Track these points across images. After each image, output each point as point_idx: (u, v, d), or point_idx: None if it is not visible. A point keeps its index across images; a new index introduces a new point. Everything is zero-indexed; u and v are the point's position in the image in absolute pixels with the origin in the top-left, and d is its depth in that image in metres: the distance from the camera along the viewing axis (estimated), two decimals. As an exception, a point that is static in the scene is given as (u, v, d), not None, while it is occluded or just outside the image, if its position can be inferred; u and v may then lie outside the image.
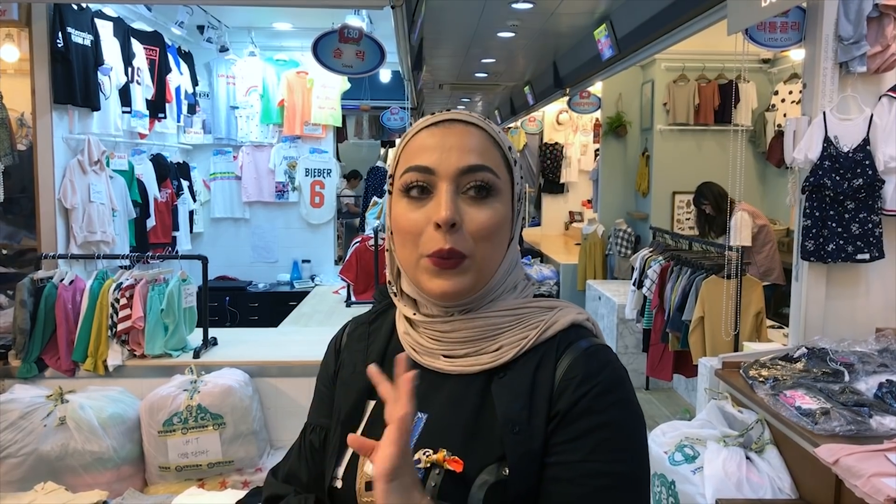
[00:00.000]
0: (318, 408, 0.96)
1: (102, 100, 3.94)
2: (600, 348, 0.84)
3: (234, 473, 3.03)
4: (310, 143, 5.96)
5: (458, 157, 0.82)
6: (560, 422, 0.78)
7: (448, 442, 0.81)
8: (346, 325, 1.01)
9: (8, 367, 3.22)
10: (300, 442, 0.97)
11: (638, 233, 6.68)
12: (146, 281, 3.24)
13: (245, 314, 5.68)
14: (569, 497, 0.76)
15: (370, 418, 0.88)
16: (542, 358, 0.83)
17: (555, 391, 0.80)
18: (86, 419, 2.86)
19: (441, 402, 0.84)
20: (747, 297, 3.56)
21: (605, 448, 0.77)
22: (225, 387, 3.01)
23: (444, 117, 0.86)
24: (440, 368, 0.85)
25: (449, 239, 0.80)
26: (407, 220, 0.83)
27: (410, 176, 0.83)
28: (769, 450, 2.63)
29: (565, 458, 0.77)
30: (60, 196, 3.65)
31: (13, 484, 2.78)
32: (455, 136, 0.84)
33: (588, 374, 0.80)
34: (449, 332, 0.85)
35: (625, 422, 0.79)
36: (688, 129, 6.32)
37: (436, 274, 0.82)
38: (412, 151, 0.85)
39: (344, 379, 0.93)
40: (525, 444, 0.78)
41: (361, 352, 0.93)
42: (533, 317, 0.86)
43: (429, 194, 0.83)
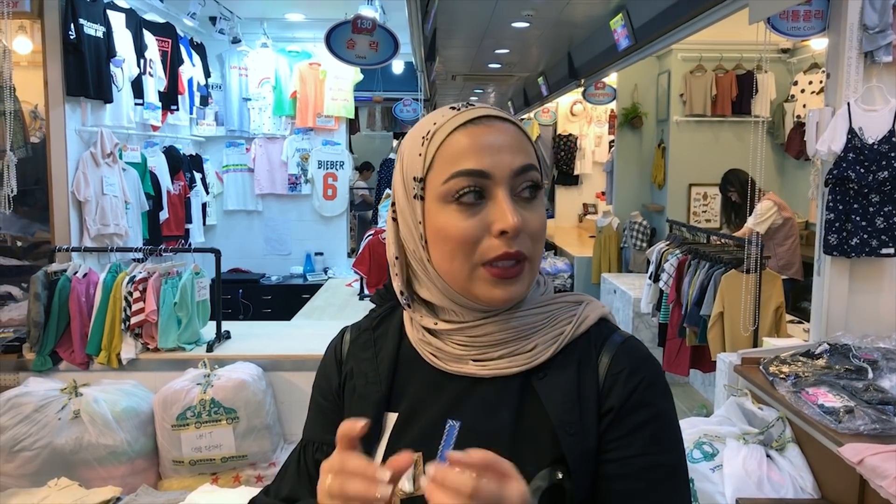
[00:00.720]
0: (322, 424, 0.90)
1: (115, 92, 3.92)
2: (635, 341, 0.84)
3: (247, 468, 3.02)
4: (322, 135, 5.93)
5: (510, 158, 0.78)
6: (614, 418, 0.78)
7: (491, 449, 0.75)
8: (343, 333, 0.95)
9: (22, 359, 3.22)
10: (300, 461, 0.90)
11: (653, 225, 6.61)
12: (159, 274, 3.23)
13: (258, 307, 5.68)
14: (629, 493, 0.76)
15: (393, 431, 0.83)
16: (581, 354, 0.81)
17: (602, 388, 0.79)
18: (100, 413, 2.86)
19: (474, 408, 0.80)
20: (767, 292, 3.50)
21: (656, 440, 0.77)
22: (238, 381, 2.99)
23: (480, 113, 0.80)
24: (471, 373, 0.81)
25: (514, 244, 0.77)
26: (459, 230, 0.77)
27: (461, 182, 0.77)
28: (790, 448, 2.58)
29: (621, 455, 0.77)
30: (73, 189, 3.64)
31: (27, 477, 2.78)
32: (499, 134, 0.79)
33: (633, 367, 0.79)
34: (481, 335, 0.81)
35: (669, 411, 0.80)
36: (705, 120, 6.23)
37: (496, 283, 0.78)
38: (454, 154, 0.78)
39: (358, 391, 0.87)
40: (581, 444, 0.76)
41: (370, 360, 0.88)
42: (562, 313, 0.83)
43: (482, 199, 0.77)
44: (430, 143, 0.80)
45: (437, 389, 0.83)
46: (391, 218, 0.85)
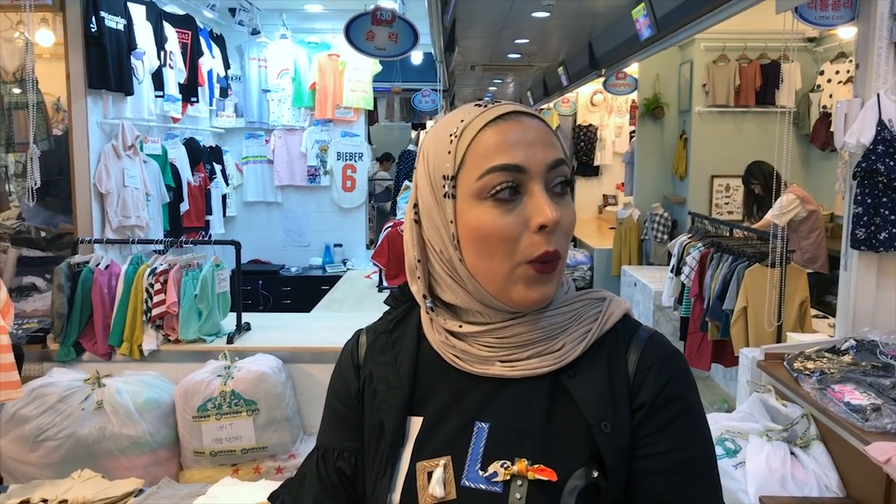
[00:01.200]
0: (341, 430, 0.88)
1: (136, 84, 3.94)
2: (661, 336, 0.84)
3: (267, 459, 3.03)
4: (341, 126, 5.93)
5: (543, 153, 0.77)
6: (646, 414, 0.77)
7: (524, 450, 0.76)
8: (357, 336, 0.93)
9: (47, 350, 3.26)
10: (319, 469, 0.88)
11: (675, 217, 6.54)
12: (180, 266, 3.25)
13: (278, 298, 5.71)
14: (663, 488, 0.75)
15: (419, 435, 0.81)
16: (609, 351, 0.80)
17: (633, 384, 0.78)
18: (122, 404, 2.88)
19: (502, 409, 0.79)
20: (792, 286, 3.45)
21: (687, 434, 0.77)
22: (258, 373, 3.00)
23: (507, 109, 0.79)
24: (498, 374, 0.80)
25: (552, 241, 0.75)
26: (498, 226, 0.75)
27: (497, 177, 0.75)
28: (815, 445, 2.54)
29: (654, 450, 0.76)
30: (95, 181, 3.67)
31: (52, 467, 2.82)
32: (529, 130, 0.78)
33: (663, 362, 0.79)
34: (510, 336, 0.80)
35: (698, 404, 0.80)
36: (728, 110, 6.14)
37: (534, 281, 0.76)
38: (486, 150, 0.76)
39: (380, 397, 0.84)
40: (617, 442, 0.75)
41: (390, 364, 0.85)
42: (587, 310, 0.82)
43: (517, 195, 0.76)
44: (460, 140, 0.78)
45: (462, 392, 0.81)
46: (412, 220, 0.83)
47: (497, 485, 0.74)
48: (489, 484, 0.75)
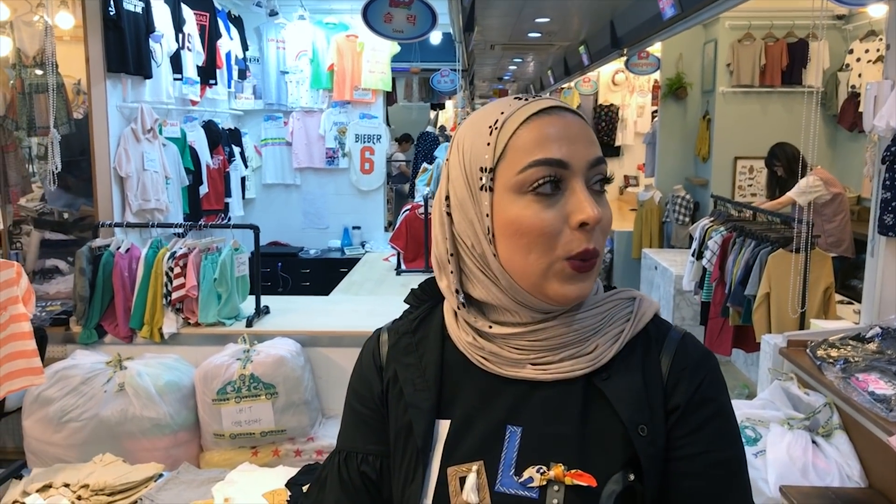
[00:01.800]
0: (364, 433, 0.86)
1: (154, 67, 3.94)
2: (691, 336, 0.83)
3: (286, 442, 3.06)
4: (360, 108, 5.90)
5: (585, 149, 0.76)
6: (681, 415, 0.77)
7: (559, 454, 0.74)
8: (378, 336, 0.90)
9: (70, 332, 3.30)
10: (341, 473, 0.86)
11: (697, 199, 6.45)
12: (199, 250, 3.26)
13: (297, 280, 5.74)
14: (697, 490, 0.75)
15: (448, 439, 0.79)
16: (642, 353, 0.79)
17: (667, 385, 0.78)
18: (143, 386, 2.92)
19: (535, 413, 0.77)
20: (816, 272, 3.38)
21: (720, 435, 0.77)
22: (277, 357, 3.02)
23: (547, 104, 0.77)
24: (529, 377, 0.78)
25: (592, 238, 0.74)
26: (539, 220, 0.73)
27: (539, 171, 0.73)
28: (838, 435, 2.50)
29: (689, 452, 0.76)
30: (115, 165, 3.69)
31: (76, 447, 2.86)
32: (571, 126, 0.76)
33: (696, 363, 0.79)
34: (543, 339, 0.78)
35: (729, 405, 0.80)
36: (752, 90, 6.02)
37: (571, 278, 0.75)
38: (528, 143, 0.74)
39: (407, 399, 0.82)
40: (654, 445, 0.75)
41: (415, 366, 0.83)
42: (619, 311, 0.81)
43: (559, 190, 0.74)
44: (501, 132, 0.76)
45: (491, 395, 0.79)
46: (444, 212, 0.80)
47: (533, 490, 0.73)
48: (525, 490, 0.73)
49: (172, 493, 1.95)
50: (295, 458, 3.01)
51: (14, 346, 2.03)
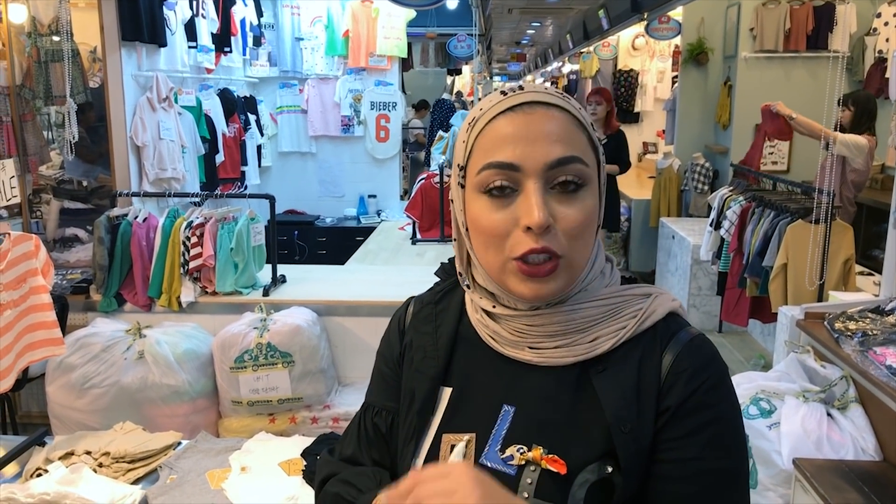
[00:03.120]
0: (383, 390, 0.91)
1: (169, 35, 3.92)
2: (703, 339, 0.80)
3: (303, 410, 3.11)
4: (375, 75, 5.84)
5: (545, 150, 0.73)
6: (671, 418, 0.75)
7: (542, 438, 0.76)
8: (408, 303, 0.95)
9: (90, 300, 3.35)
10: (360, 424, 0.92)
11: (716, 168, 6.36)
12: (216, 219, 3.28)
13: (313, 248, 5.76)
14: (682, 496, 0.74)
15: (448, 407, 0.83)
16: (644, 350, 0.77)
17: (662, 386, 0.76)
18: (162, 354, 2.97)
19: (529, 395, 0.79)
20: (836, 244, 3.34)
21: (715, 444, 0.74)
22: (293, 326, 3.05)
23: (522, 99, 0.76)
24: (527, 360, 0.80)
25: (541, 240, 0.73)
26: (489, 222, 0.75)
27: (490, 175, 0.74)
28: (853, 408, 2.49)
29: (677, 456, 0.74)
30: (132, 134, 3.70)
31: (98, 413, 2.93)
32: (538, 122, 0.74)
33: (697, 367, 0.76)
34: (537, 325, 0.79)
35: (732, 416, 0.77)
36: (776, 56, 5.87)
37: (525, 278, 0.75)
38: (488, 143, 0.75)
39: (416, 365, 0.87)
40: (636, 443, 0.74)
41: (430, 335, 0.88)
42: (629, 306, 0.80)
43: (513, 192, 0.74)
44: (472, 130, 0.78)
45: (493, 371, 0.82)
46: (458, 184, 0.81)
47: (512, 468, 0.76)
48: (505, 466, 0.76)
49: (191, 461, 1.99)
50: (312, 426, 3.06)
51: (34, 318, 2.06)
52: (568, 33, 12.12)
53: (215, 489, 1.86)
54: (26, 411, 3.47)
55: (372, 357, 0.97)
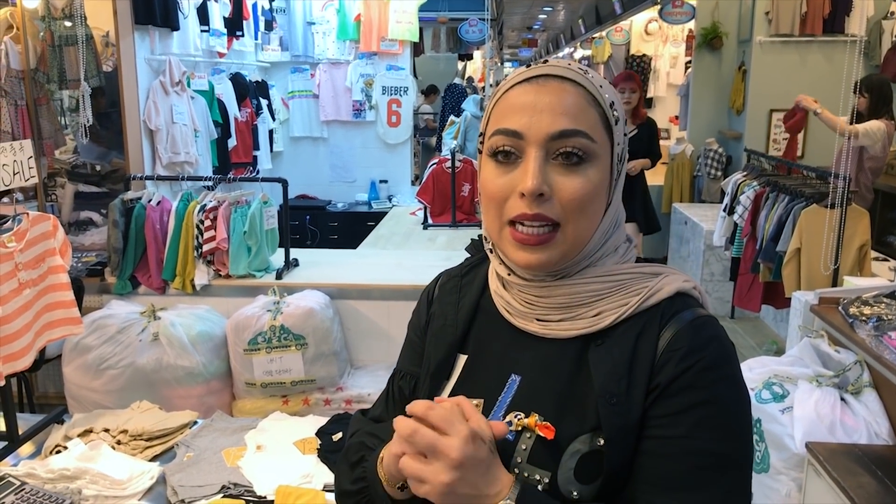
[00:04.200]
0: (410, 355, 0.95)
1: (181, 19, 3.92)
2: (707, 320, 0.79)
3: (315, 391, 3.13)
4: (386, 59, 5.83)
5: (549, 121, 0.75)
6: (660, 395, 0.75)
7: (541, 407, 0.78)
8: (439, 276, 0.99)
9: (105, 283, 3.38)
10: (389, 388, 0.96)
11: (730, 153, 6.32)
12: (229, 203, 3.29)
13: (325, 233, 5.78)
14: (665, 473, 0.73)
15: (462, 374, 0.87)
16: (644, 327, 0.78)
17: (656, 363, 0.76)
18: (177, 336, 2.99)
19: (534, 366, 0.82)
20: (852, 229, 3.31)
21: (706, 426, 0.73)
22: (306, 309, 3.07)
23: (539, 72, 0.78)
24: (534, 331, 0.82)
25: (535, 206, 0.75)
26: (493, 185, 0.78)
27: (498, 140, 0.78)
28: (867, 392, 2.48)
29: (663, 433, 0.74)
30: (145, 118, 3.71)
31: (114, 393, 2.96)
32: (548, 94, 0.76)
33: (693, 347, 0.75)
34: (544, 297, 0.82)
35: (729, 400, 0.75)
36: (791, 40, 5.81)
37: (519, 246, 0.78)
38: (503, 111, 0.79)
39: (434, 331, 0.91)
40: (622, 417, 0.74)
41: (452, 305, 0.91)
42: (635, 283, 0.80)
43: (517, 159, 0.77)
44: (492, 100, 0.81)
45: (506, 342, 0.85)
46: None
47: (511, 433, 0.78)
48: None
49: (207, 440, 2.01)
50: (324, 407, 3.09)
51: (53, 297, 2.08)
52: (580, 18, 12.03)
53: (231, 467, 1.88)
54: (43, 392, 3.51)
55: (384, 340, 1.01)
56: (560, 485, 0.75)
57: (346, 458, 0.88)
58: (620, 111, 0.80)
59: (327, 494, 1.74)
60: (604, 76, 10.98)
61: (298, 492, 1.70)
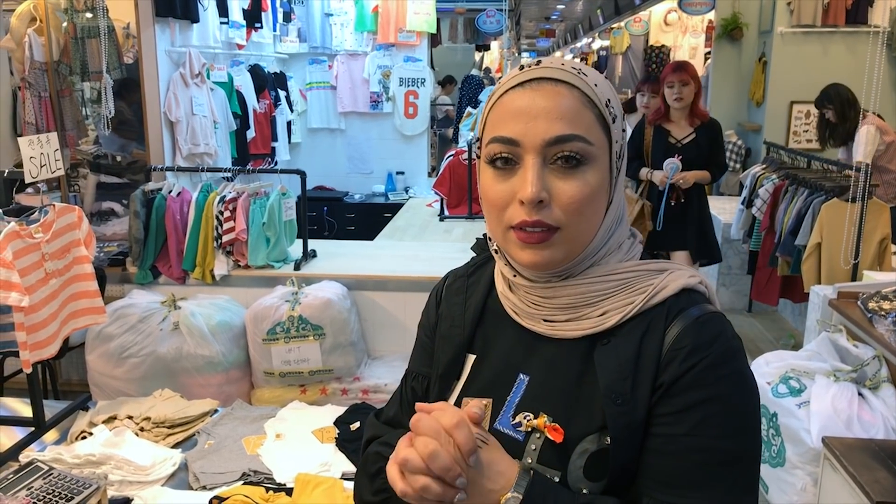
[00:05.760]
0: (420, 356, 0.96)
1: (201, 11, 3.95)
2: (713, 317, 0.78)
3: (333, 381, 3.16)
4: (404, 51, 5.83)
5: (545, 127, 0.76)
6: (665, 393, 0.75)
7: (549, 407, 0.80)
8: (446, 277, 0.99)
9: (126, 272, 3.44)
10: (402, 388, 0.97)
11: (749, 145, 6.26)
12: (248, 194, 3.33)
13: (342, 224, 5.81)
14: (670, 471, 0.74)
15: (470, 373, 0.88)
16: (649, 325, 0.78)
17: (661, 361, 0.76)
18: (197, 325, 3.04)
19: (542, 366, 0.83)
20: (872, 223, 3.28)
21: (711, 423, 0.73)
22: (324, 299, 3.10)
23: (532, 75, 0.78)
24: (541, 332, 0.83)
25: (535, 213, 0.76)
26: (493, 192, 0.79)
27: (495, 147, 0.78)
28: (885, 388, 2.47)
29: (669, 431, 0.74)
30: (165, 109, 3.75)
31: (136, 381, 3.02)
32: (543, 99, 0.77)
33: (698, 344, 0.75)
34: (550, 297, 0.82)
35: (735, 397, 0.75)
36: (813, 31, 5.73)
37: (523, 246, 0.78)
38: (498, 117, 0.79)
39: (442, 332, 0.92)
40: (628, 416, 0.75)
41: (459, 305, 0.92)
42: (640, 281, 0.80)
43: (515, 165, 0.78)
44: (488, 104, 0.82)
45: (513, 342, 0.86)
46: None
47: (520, 434, 0.79)
48: (514, 431, 0.80)
49: (227, 428, 2.05)
50: (342, 397, 3.12)
51: (78, 287, 2.12)
52: (598, 8, 11.93)
53: (251, 455, 1.91)
54: (66, 379, 3.58)
55: (400, 330, 1.02)
56: (571, 483, 0.76)
57: (365, 469, 0.89)
58: (617, 107, 0.80)
59: (345, 483, 1.77)
60: (622, 67, 10.76)
61: (317, 480, 1.73)
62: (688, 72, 3.60)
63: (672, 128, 3.68)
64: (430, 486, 0.68)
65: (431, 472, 0.68)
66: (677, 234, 3.66)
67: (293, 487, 1.75)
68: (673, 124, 3.67)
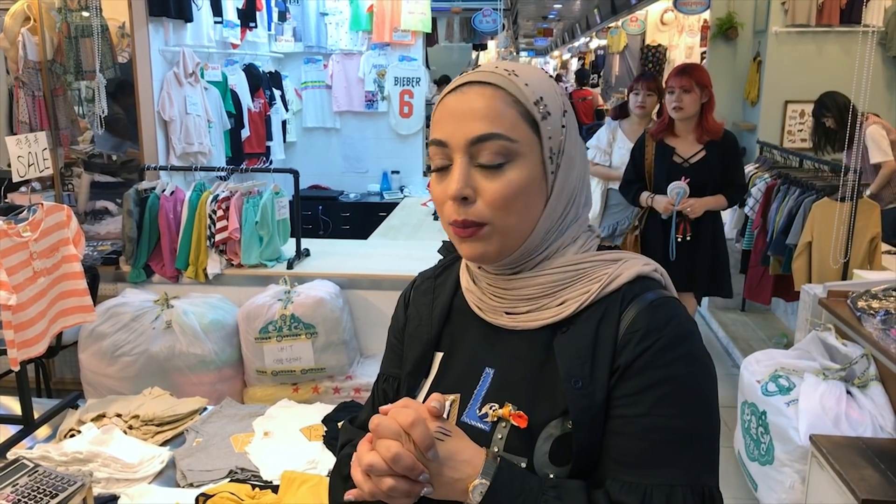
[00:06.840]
0: (391, 358, 0.99)
1: (195, 10, 3.96)
2: (667, 301, 0.81)
3: (325, 380, 3.17)
4: (399, 50, 5.84)
5: (468, 127, 0.80)
6: (622, 375, 0.78)
7: (514, 397, 0.82)
8: (414, 279, 1.02)
9: (120, 271, 3.44)
10: (374, 391, 1.00)
11: (743, 145, 6.27)
12: (241, 193, 3.33)
13: (337, 223, 5.82)
14: (628, 451, 0.76)
15: (438, 370, 0.90)
16: (605, 311, 0.81)
17: (618, 344, 0.79)
18: (189, 324, 3.04)
19: (506, 358, 0.85)
20: (863, 222, 3.29)
21: (667, 403, 0.76)
22: (317, 298, 3.11)
23: (465, 80, 0.83)
24: (503, 325, 0.86)
25: (462, 211, 0.80)
26: (434, 193, 0.84)
27: (432, 150, 0.83)
28: (873, 386, 2.48)
29: (627, 412, 0.77)
30: (159, 108, 3.75)
31: (129, 380, 3.03)
32: (468, 101, 0.81)
33: (651, 327, 0.78)
34: (510, 289, 0.85)
35: (690, 377, 0.77)
36: (808, 30, 5.73)
37: (460, 241, 0.83)
38: (436, 122, 0.84)
39: (410, 332, 0.95)
40: (587, 399, 0.77)
41: (427, 305, 0.95)
42: (596, 270, 0.83)
43: (449, 166, 0.82)
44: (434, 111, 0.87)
45: (479, 337, 0.89)
46: None
47: (487, 424, 0.82)
48: (481, 423, 0.83)
49: (216, 426, 2.06)
50: (334, 395, 3.13)
51: (66, 286, 2.13)
52: (595, 8, 11.93)
53: (239, 452, 1.92)
54: (60, 378, 3.59)
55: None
56: (537, 469, 0.78)
57: (339, 471, 0.91)
58: (552, 105, 0.81)
59: (332, 480, 1.78)
60: (619, 66, 10.72)
61: (303, 477, 1.74)
62: (691, 77, 3.11)
63: (677, 144, 3.08)
64: (396, 486, 0.71)
65: (395, 472, 0.71)
66: (683, 273, 3.02)
67: (279, 485, 1.75)
68: (678, 140, 3.09)
